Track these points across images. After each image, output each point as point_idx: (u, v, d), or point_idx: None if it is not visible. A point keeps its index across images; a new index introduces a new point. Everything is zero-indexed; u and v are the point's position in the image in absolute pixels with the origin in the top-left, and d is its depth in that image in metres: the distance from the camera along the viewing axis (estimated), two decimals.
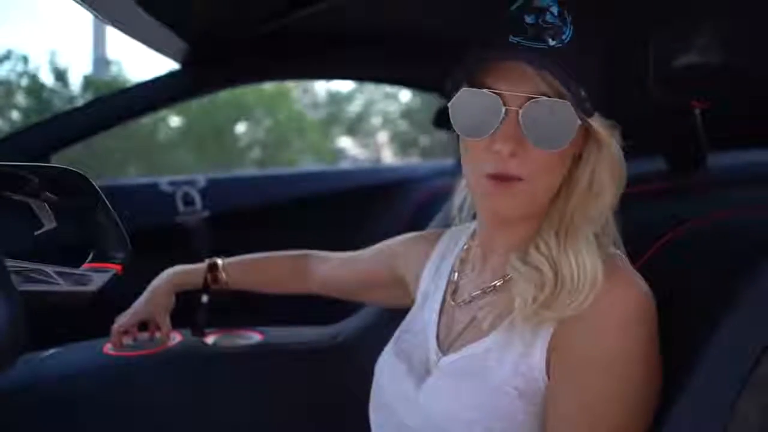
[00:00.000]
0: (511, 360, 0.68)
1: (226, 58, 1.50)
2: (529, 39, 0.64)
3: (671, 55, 0.65)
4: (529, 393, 0.66)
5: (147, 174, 7.03)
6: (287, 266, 1.13)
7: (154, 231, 1.64)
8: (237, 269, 1.12)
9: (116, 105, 1.57)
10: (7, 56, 6.48)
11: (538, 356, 0.66)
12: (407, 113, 9.39)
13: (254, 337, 1.25)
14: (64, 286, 0.78)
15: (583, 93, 0.64)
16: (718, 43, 0.64)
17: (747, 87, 0.78)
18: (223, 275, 1.11)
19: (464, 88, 0.68)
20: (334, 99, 10.10)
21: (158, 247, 1.58)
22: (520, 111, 0.65)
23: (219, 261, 1.12)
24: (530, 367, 0.66)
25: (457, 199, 0.88)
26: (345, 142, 10.70)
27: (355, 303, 1.21)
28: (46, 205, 0.79)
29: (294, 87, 9.30)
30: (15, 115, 6.59)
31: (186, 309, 1.15)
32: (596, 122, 0.67)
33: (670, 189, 1.00)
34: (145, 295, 1.12)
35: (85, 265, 0.83)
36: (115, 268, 0.83)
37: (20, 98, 6.80)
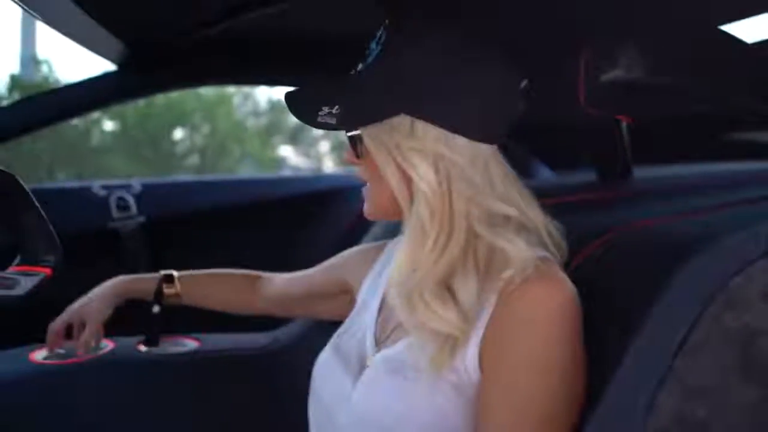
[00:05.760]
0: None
1: (166, 60, 1.46)
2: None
3: (599, 70, 0.68)
4: (462, 387, 0.68)
5: (77, 179, 6.75)
6: (239, 283, 1.14)
7: (87, 236, 1.59)
8: (191, 282, 1.12)
9: (46, 105, 1.49)
10: None
11: (471, 350, 0.68)
12: None
13: (190, 344, 1.23)
14: None
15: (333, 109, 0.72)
16: (643, 61, 0.68)
17: (669, 105, 0.83)
18: (177, 287, 1.10)
19: None
20: (275, 107, 10.01)
21: (91, 253, 1.53)
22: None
23: (174, 273, 1.11)
24: (464, 360, 0.68)
25: None
26: (286, 151, 10.61)
27: None
28: None
29: (234, 93, 9.15)
30: None
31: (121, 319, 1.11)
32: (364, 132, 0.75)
33: (597, 199, 1.05)
34: (83, 299, 1.08)
35: (13, 268, 0.79)
36: (44, 271, 0.80)
37: None
